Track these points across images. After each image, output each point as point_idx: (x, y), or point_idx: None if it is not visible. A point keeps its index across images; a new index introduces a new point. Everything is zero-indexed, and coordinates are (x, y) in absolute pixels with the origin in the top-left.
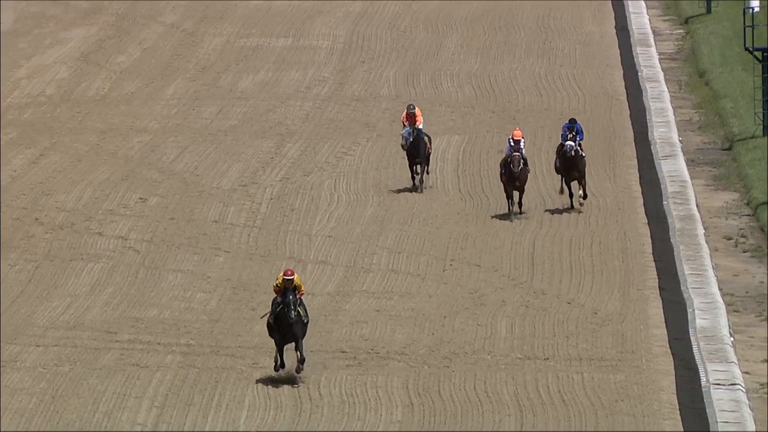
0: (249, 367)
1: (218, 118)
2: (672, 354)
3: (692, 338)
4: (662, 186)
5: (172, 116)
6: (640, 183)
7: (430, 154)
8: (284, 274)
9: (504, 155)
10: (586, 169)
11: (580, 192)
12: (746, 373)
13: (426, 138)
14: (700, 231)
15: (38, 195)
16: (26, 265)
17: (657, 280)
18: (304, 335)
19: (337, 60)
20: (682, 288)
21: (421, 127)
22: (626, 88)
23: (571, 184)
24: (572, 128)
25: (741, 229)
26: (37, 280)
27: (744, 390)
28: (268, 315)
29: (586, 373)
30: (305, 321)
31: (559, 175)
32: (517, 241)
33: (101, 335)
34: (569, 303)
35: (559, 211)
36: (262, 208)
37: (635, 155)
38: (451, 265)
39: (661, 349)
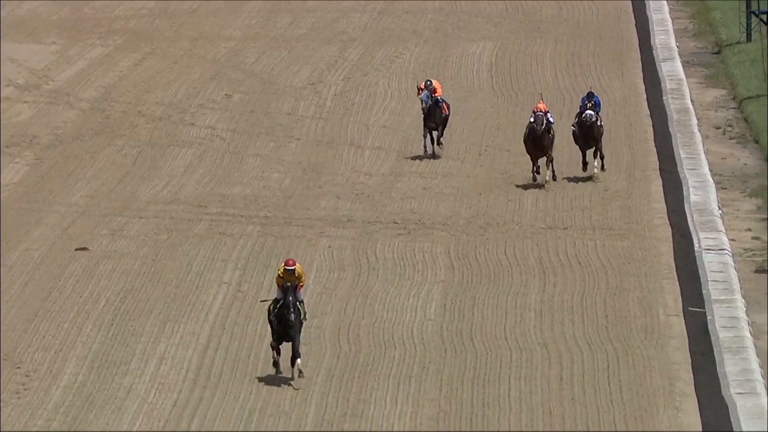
0: (317, 235)
1: (291, 28)
2: (670, 224)
3: (687, 211)
4: (662, 84)
5: (252, 26)
6: (644, 81)
7: (447, 117)
8: (285, 265)
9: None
10: (602, 139)
11: (596, 163)
12: (732, 240)
13: (444, 104)
14: (694, 121)
15: (141, 92)
16: (131, 150)
17: (657, 163)
18: (300, 332)
19: None
20: (678, 169)
21: (440, 97)
22: (632, 2)
23: (588, 152)
24: (591, 101)
25: (728, 120)
26: (140, 162)
27: (730, 254)
28: (268, 302)
29: (598, 240)
30: (303, 320)
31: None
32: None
33: (194, 208)
34: (584, 182)
35: (578, 107)
36: (328, 102)
37: (639, 58)
38: (485, 150)
39: (661, 220)
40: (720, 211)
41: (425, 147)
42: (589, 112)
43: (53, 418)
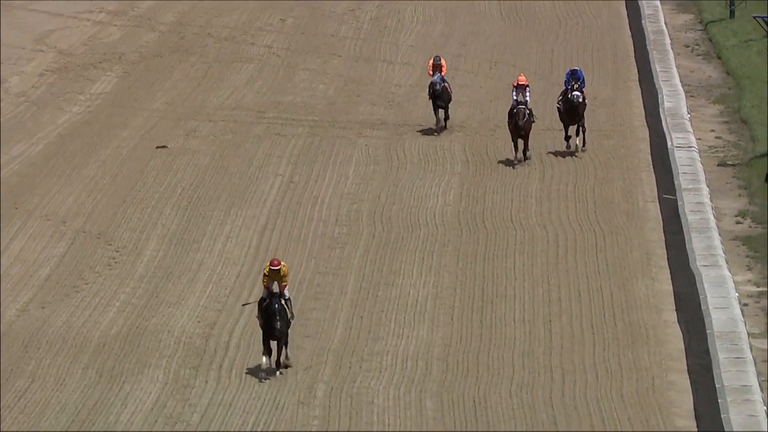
0: (356, 135)
1: None
2: (647, 126)
3: (661, 115)
4: (641, 10)
5: None
6: (626, 8)
7: (451, 96)
8: (270, 265)
9: (510, 105)
10: (585, 117)
11: (578, 141)
12: (699, 139)
13: (447, 84)
14: (667, 41)
15: (210, 17)
16: (201, 66)
17: (637, 75)
18: (287, 333)
19: None
20: (654, 80)
21: (444, 75)
22: None
23: (572, 128)
24: (575, 77)
25: (696, 40)
26: (210, 76)
27: (697, 151)
28: (251, 304)
29: (588, 139)
30: (289, 322)
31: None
32: (541, 49)
33: (254, 113)
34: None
35: (571, 29)
36: (365, 25)
37: None
38: (495, 65)
39: (640, 122)
40: (689, 115)
41: (438, 120)
42: (576, 93)
43: (138, 287)
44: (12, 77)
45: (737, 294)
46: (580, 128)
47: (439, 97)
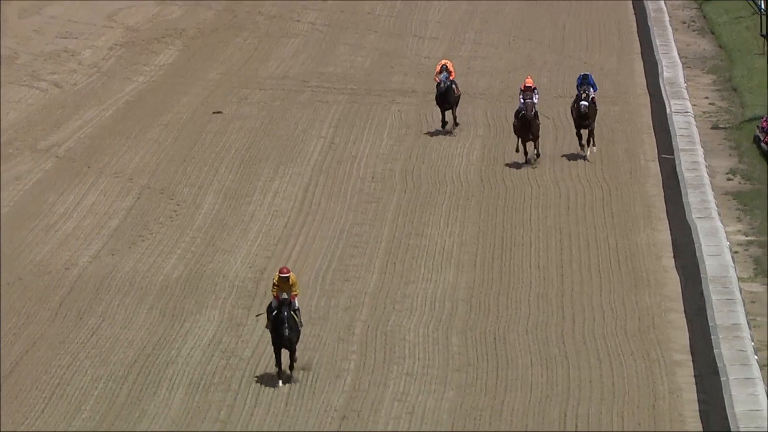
0: (389, 102)
1: None
2: (649, 93)
3: (661, 84)
4: None
5: None
6: None
7: (459, 96)
8: (280, 272)
9: (518, 107)
10: (596, 118)
11: (588, 147)
12: (694, 105)
13: (454, 86)
14: (666, 18)
15: None
16: (253, 41)
17: (639, 48)
18: (297, 340)
19: None
20: (655, 53)
21: (453, 79)
22: None
23: (582, 133)
24: (585, 82)
25: (692, 17)
26: (260, 49)
27: (692, 115)
28: (264, 315)
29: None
30: (298, 329)
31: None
32: (554, 25)
33: (299, 83)
34: (585, 63)
35: (581, 8)
36: (398, 5)
37: None
38: (513, 39)
39: (642, 90)
40: (685, 84)
41: (443, 122)
42: (583, 103)
43: (197, 236)
44: (85, 50)
45: (728, 243)
46: (590, 134)
47: (445, 98)
